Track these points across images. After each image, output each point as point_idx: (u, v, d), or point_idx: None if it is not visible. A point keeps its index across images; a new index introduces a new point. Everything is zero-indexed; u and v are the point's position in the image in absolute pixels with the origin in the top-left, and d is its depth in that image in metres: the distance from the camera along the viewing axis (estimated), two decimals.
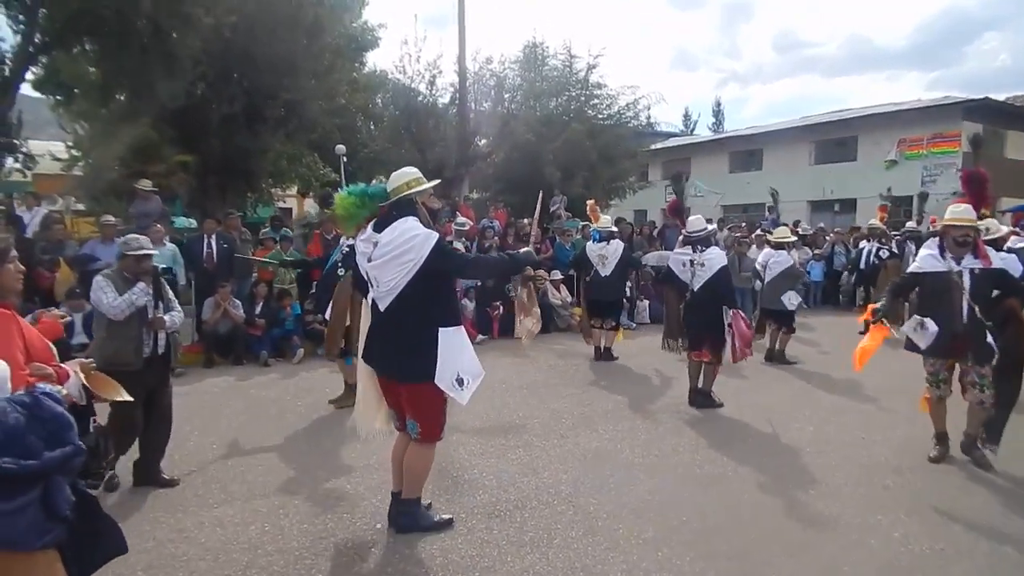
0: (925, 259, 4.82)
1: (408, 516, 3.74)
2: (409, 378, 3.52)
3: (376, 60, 36.61)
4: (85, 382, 2.51)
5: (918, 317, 4.74)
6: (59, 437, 2.00)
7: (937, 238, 4.92)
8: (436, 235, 3.49)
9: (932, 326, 4.65)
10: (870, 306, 4.95)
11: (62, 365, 2.52)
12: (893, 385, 6.70)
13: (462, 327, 3.63)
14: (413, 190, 3.57)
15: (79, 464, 2.11)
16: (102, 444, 2.65)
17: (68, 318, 3.07)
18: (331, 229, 6.41)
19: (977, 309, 4.53)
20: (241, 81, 13.70)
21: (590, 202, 9.39)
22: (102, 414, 2.97)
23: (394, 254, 3.41)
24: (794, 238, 9.89)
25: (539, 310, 3.54)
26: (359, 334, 3.91)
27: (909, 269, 4.91)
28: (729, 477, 4.56)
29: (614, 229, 8.86)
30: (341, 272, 6.01)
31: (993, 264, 4.67)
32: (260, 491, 4.32)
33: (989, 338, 4.55)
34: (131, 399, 2.84)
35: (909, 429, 5.30)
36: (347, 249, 6.01)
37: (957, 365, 4.77)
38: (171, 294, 4.72)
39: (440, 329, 3.45)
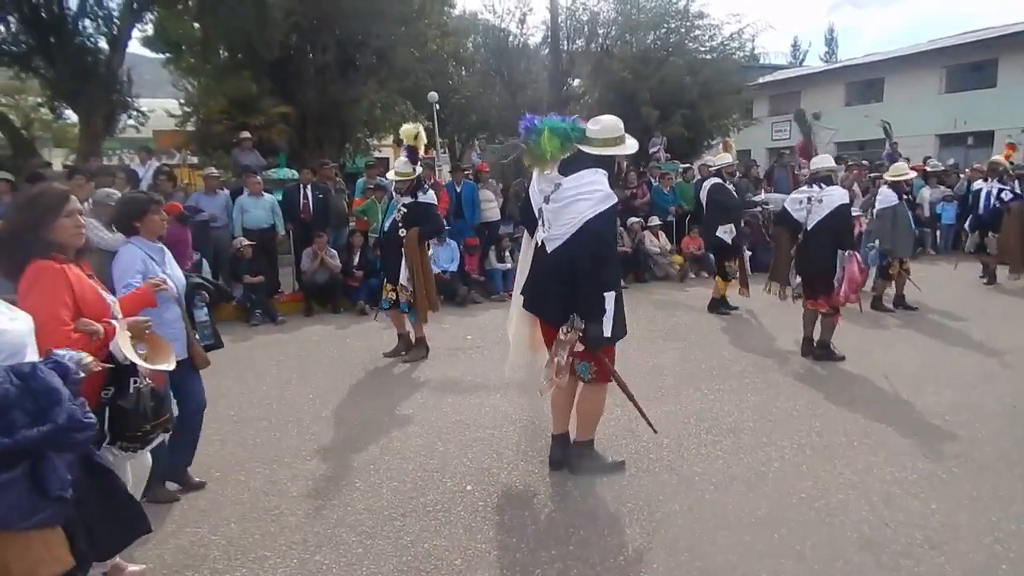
0: None
1: (582, 457, 3.74)
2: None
3: (465, 2, 35.92)
4: (128, 343, 2.45)
5: None
6: (46, 414, 1.89)
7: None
8: (613, 201, 3.39)
9: None
10: None
11: (112, 322, 2.46)
12: None
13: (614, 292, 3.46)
14: (615, 148, 3.52)
15: (82, 440, 2.01)
16: (145, 406, 2.58)
17: (164, 286, 3.12)
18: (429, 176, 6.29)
19: None
20: (333, 30, 13.68)
21: (728, 140, 8.87)
22: None
23: (571, 201, 3.37)
24: (914, 175, 8.90)
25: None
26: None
27: None
28: (855, 447, 4.07)
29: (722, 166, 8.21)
30: (403, 232, 5.92)
31: None
32: (352, 445, 4.29)
33: None
34: (172, 368, 2.76)
35: None
36: (404, 209, 5.95)
37: None
38: None
39: (604, 295, 3.36)
